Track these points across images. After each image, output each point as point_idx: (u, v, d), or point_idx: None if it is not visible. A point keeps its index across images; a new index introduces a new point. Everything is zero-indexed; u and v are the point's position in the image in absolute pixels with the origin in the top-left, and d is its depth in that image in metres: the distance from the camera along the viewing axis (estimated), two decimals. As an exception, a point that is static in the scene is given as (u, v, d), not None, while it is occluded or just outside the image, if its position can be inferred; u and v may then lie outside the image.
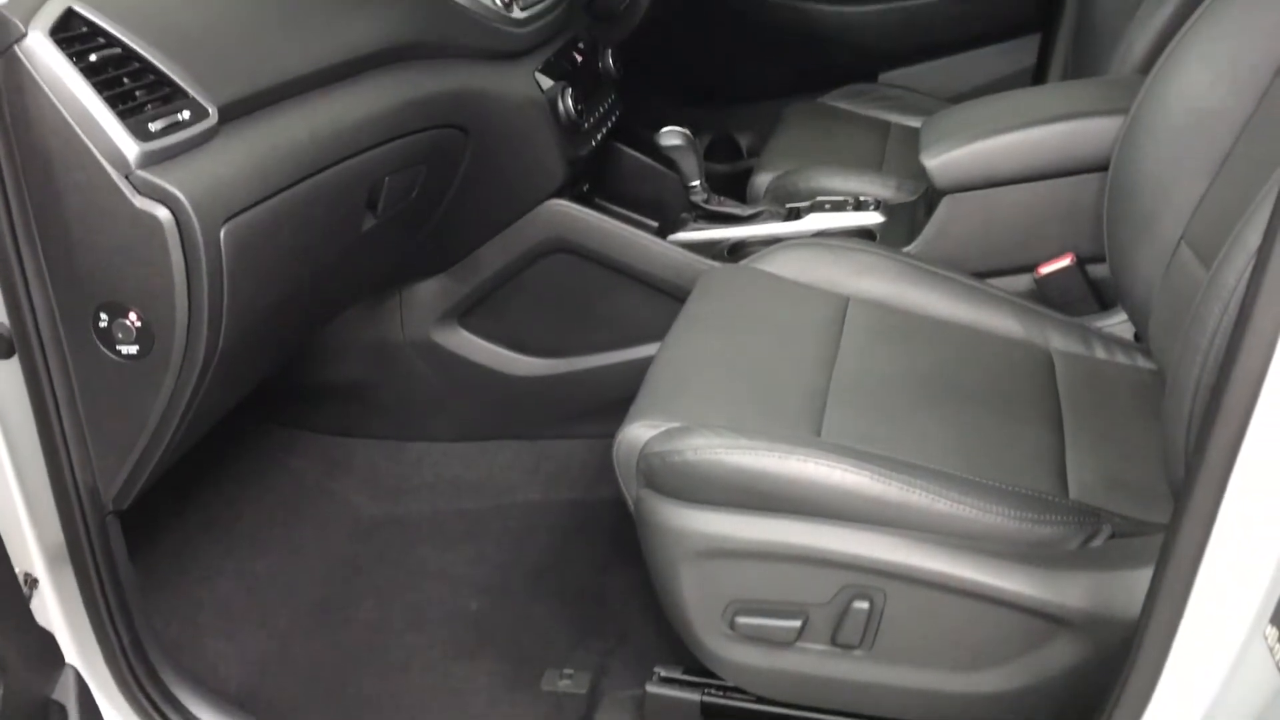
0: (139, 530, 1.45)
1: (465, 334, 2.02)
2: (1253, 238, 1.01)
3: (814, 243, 1.72)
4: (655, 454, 1.28)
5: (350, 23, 1.47)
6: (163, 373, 1.20)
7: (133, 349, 1.18)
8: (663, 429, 1.31)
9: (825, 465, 1.21)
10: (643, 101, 2.37)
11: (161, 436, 1.25)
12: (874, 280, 1.64)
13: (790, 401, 1.37)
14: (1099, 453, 1.35)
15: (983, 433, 1.35)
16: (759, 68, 2.87)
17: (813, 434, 1.31)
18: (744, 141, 2.84)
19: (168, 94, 1.18)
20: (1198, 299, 1.12)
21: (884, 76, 2.80)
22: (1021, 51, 2.73)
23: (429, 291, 1.97)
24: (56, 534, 1.26)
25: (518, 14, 1.78)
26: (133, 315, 1.17)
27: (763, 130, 2.60)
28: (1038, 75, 2.71)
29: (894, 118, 2.48)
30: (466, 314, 2.01)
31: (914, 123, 2.39)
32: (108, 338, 1.18)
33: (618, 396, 1.53)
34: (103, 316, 1.17)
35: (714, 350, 1.49)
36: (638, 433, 1.33)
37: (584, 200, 1.98)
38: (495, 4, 1.74)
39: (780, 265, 1.67)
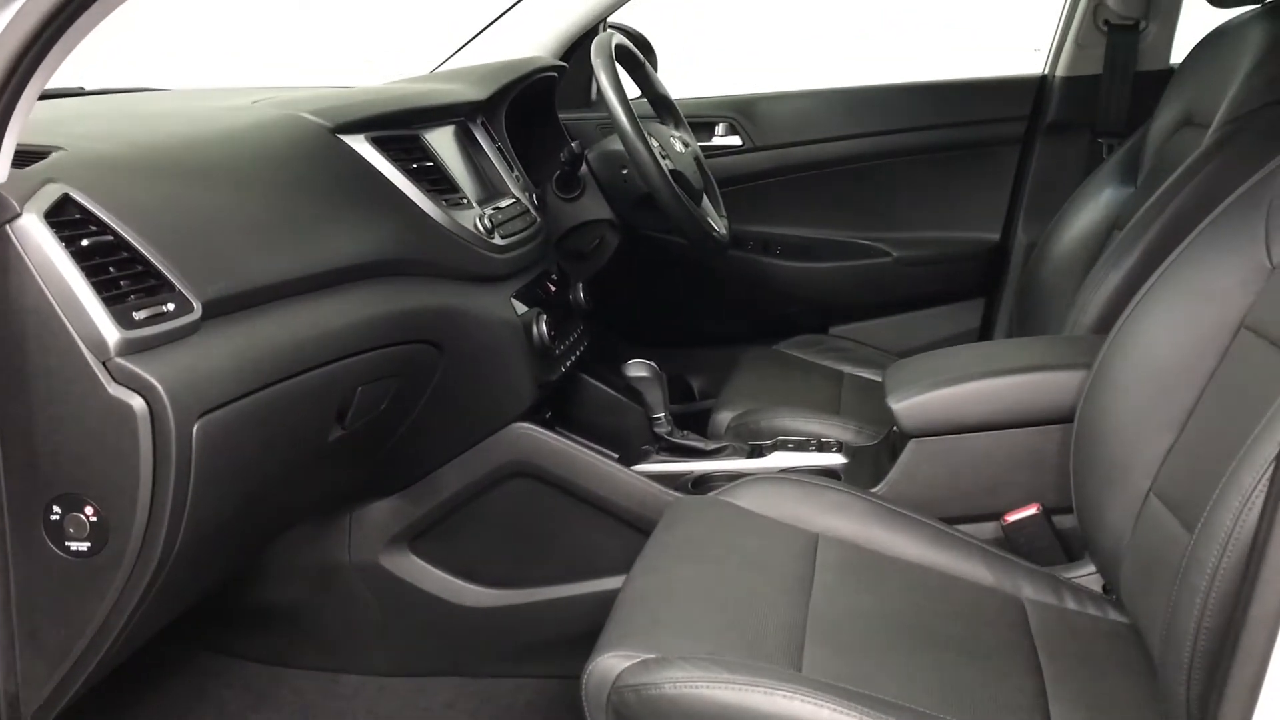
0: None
1: (415, 559, 1.94)
2: (1248, 478, 1.02)
3: (782, 478, 1.70)
4: (629, 688, 1.21)
5: (341, 234, 1.48)
6: (112, 573, 1.12)
7: (83, 546, 1.11)
8: (638, 660, 1.23)
9: (812, 703, 1.15)
10: (603, 338, 2.40)
11: (99, 645, 1.15)
12: (842, 519, 1.62)
13: (769, 635, 1.31)
14: (1082, 704, 1.30)
15: (964, 677, 1.30)
16: (714, 314, 2.95)
17: (793, 669, 1.25)
18: (696, 384, 2.87)
19: (154, 285, 1.16)
20: (1189, 545, 1.11)
21: (834, 330, 2.89)
22: (967, 314, 2.84)
23: (382, 511, 1.90)
24: (-37, 750, 1.14)
25: (498, 240, 1.82)
26: (89, 510, 1.10)
27: (714, 375, 2.64)
28: (983, 336, 2.81)
29: (847, 368, 2.53)
30: (418, 537, 1.94)
31: (866, 374, 2.44)
32: (58, 533, 1.11)
33: (571, 633, 1.45)
34: (55, 510, 1.11)
35: (687, 580, 1.43)
36: (610, 664, 1.25)
37: (546, 427, 1.96)
38: (478, 230, 1.78)
39: (748, 499, 1.65)
